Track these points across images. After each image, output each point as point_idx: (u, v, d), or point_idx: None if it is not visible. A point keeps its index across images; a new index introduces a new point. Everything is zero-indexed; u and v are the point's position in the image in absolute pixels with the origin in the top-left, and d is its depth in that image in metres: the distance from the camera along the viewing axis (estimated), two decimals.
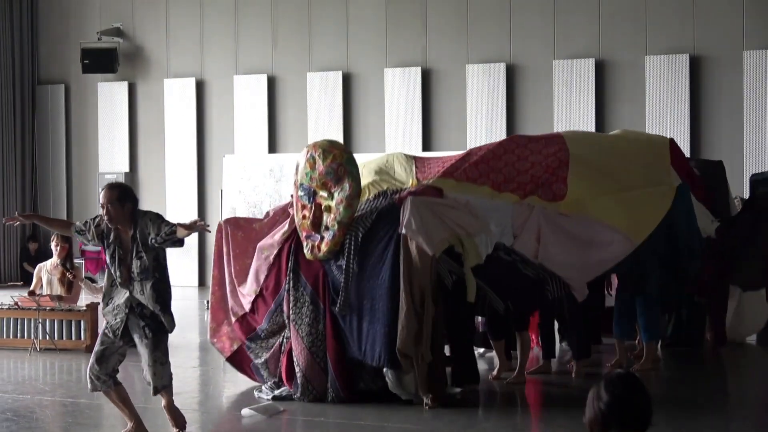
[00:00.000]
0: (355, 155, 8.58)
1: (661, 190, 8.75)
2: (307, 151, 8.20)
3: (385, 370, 7.83)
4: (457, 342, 8.20)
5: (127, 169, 18.26)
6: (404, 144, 16.34)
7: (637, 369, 9.02)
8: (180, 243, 6.52)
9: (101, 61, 17.97)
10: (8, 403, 8.19)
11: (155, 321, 6.61)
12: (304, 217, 8.19)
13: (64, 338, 10.70)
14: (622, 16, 15.53)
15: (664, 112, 15.16)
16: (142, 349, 6.61)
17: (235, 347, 8.72)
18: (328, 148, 8.18)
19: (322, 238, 8.06)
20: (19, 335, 10.87)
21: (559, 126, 15.54)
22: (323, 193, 8.12)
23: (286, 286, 8.21)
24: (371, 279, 7.89)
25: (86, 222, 6.79)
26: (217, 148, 17.63)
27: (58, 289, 11.17)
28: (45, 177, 18.84)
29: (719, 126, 15.06)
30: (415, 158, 9.29)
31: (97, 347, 6.72)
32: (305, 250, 8.16)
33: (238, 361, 8.73)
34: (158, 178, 18.07)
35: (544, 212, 8.30)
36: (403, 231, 7.77)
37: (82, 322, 10.68)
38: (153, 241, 6.46)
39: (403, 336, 7.62)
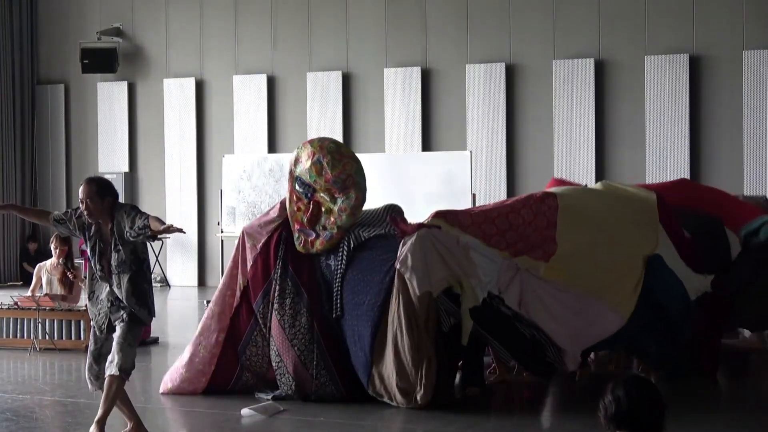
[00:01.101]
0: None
1: (638, 259, 8.42)
2: (313, 153, 7.96)
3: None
4: (467, 348, 8.05)
5: (126, 168, 18.26)
6: (404, 144, 16.35)
7: (640, 371, 8.99)
8: (154, 237, 6.42)
9: (101, 61, 17.96)
10: (8, 403, 8.19)
11: (132, 312, 6.56)
12: (298, 209, 8.03)
13: (64, 338, 10.70)
14: (622, 16, 15.53)
15: (663, 112, 15.16)
16: (117, 331, 6.52)
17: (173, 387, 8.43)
18: (337, 155, 7.97)
19: (318, 235, 7.94)
20: (19, 335, 10.87)
21: (559, 126, 15.54)
22: (324, 196, 7.99)
23: (274, 275, 8.07)
24: (361, 296, 7.80)
25: (67, 212, 6.75)
26: (216, 148, 17.63)
27: (57, 289, 11.16)
28: (45, 177, 18.84)
29: (719, 126, 15.05)
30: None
31: (91, 347, 6.70)
32: (296, 242, 8.01)
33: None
34: (158, 178, 18.07)
35: (526, 277, 7.98)
36: (398, 266, 7.65)
37: (81, 322, 10.67)
38: (127, 234, 6.40)
39: (405, 373, 7.54)
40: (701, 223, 9.33)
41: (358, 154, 10.61)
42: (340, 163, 7.93)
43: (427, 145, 16.35)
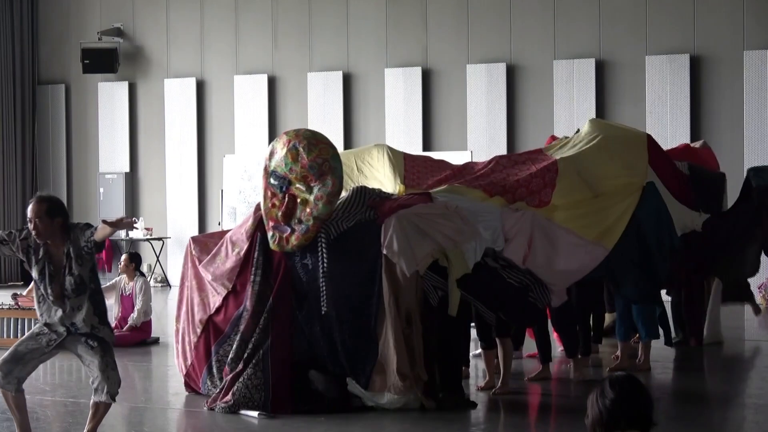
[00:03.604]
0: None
1: (627, 192, 8.65)
2: (289, 141, 7.82)
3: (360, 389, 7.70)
4: (444, 363, 7.92)
5: (127, 169, 18.26)
6: (405, 144, 16.33)
7: (634, 370, 8.96)
8: (100, 248, 6.18)
9: (102, 61, 17.96)
10: None
11: (94, 334, 6.32)
12: (273, 205, 7.86)
13: None
14: (622, 16, 15.52)
15: (664, 112, 15.16)
16: (91, 358, 6.30)
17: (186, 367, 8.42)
18: (313, 140, 7.83)
19: (293, 230, 7.75)
20: (19, 335, 10.85)
21: (559, 126, 15.53)
22: (300, 186, 7.80)
23: (252, 278, 7.96)
24: (348, 289, 7.69)
25: (11, 233, 6.36)
26: (217, 148, 17.63)
27: None
28: (45, 177, 18.84)
29: (720, 126, 15.05)
30: (405, 156, 9.18)
31: (18, 348, 6.32)
32: (269, 240, 7.85)
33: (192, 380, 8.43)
34: (158, 178, 18.07)
35: (535, 217, 8.22)
36: (384, 251, 7.57)
37: None
38: (84, 252, 6.18)
39: (400, 358, 7.48)
40: (702, 171, 9.70)
41: None
42: (316, 148, 7.76)
43: (427, 145, 16.35)
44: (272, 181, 7.90)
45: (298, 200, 7.82)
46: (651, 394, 3.55)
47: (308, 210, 7.75)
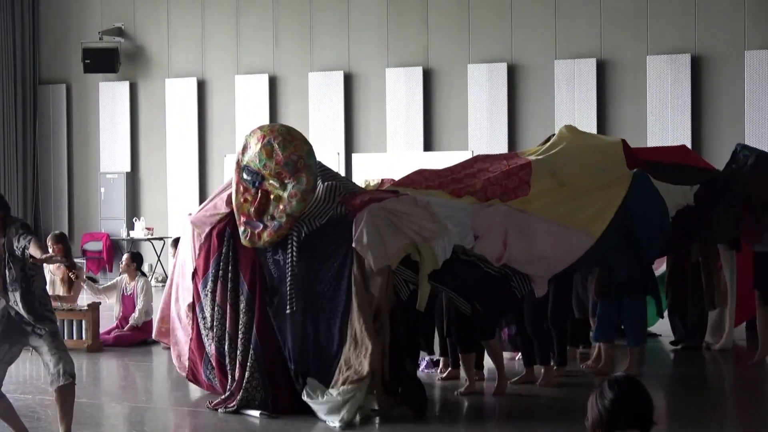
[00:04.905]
0: (357, 155, 8.43)
1: (615, 180, 8.55)
2: (263, 136, 7.72)
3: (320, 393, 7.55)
4: (397, 357, 7.75)
5: (128, 168, 18.27)
6: (406, 144, 16.35)
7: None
8: (35, 263, 6.20)
9: (103, 61, 17.99)
10: None
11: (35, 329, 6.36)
12: (245, 200, 7.78)
13: (65, 338, 10.67)
14: (623, 16, 15.54)
15: (665, 112, 15.16)
16: (41, 345, 6.34)
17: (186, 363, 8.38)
18: (288, 136, 7.73)
19: (266, 227, 7.67)
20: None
21: (560, 126, 15.49)
22: (274, 182, 7.70)
23: (221, 272, 7.86)
24: (318, 286, 7.60)
25: None
26: (218, 147, 17.64)
27: (60, 289, 11.16)
28: (46, 176, 18.85)
29: (720, 126, 15.06)
30: (383, 180, 9.15)
31: None
32: (241, 236, 7.77)
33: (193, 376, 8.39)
34: (159, 177, 18.08)
35: (509, 213, 8.02)
36: (354, 245, 7.46)
37: (83, 322, 10.66)
38: (17, 252, 6.19)
39: (373, 357, 7.33)
40: (693, 171, 9.49)
41: (360, 155, 10.68)
42: (291, 144, 7.67)
43: (428, 145, 16.36)
44: (245, 176, 7.80)
45: (272, 196, 7.74)
46: (650, 394, 3.56)
47: (281, 207, 7.67)
